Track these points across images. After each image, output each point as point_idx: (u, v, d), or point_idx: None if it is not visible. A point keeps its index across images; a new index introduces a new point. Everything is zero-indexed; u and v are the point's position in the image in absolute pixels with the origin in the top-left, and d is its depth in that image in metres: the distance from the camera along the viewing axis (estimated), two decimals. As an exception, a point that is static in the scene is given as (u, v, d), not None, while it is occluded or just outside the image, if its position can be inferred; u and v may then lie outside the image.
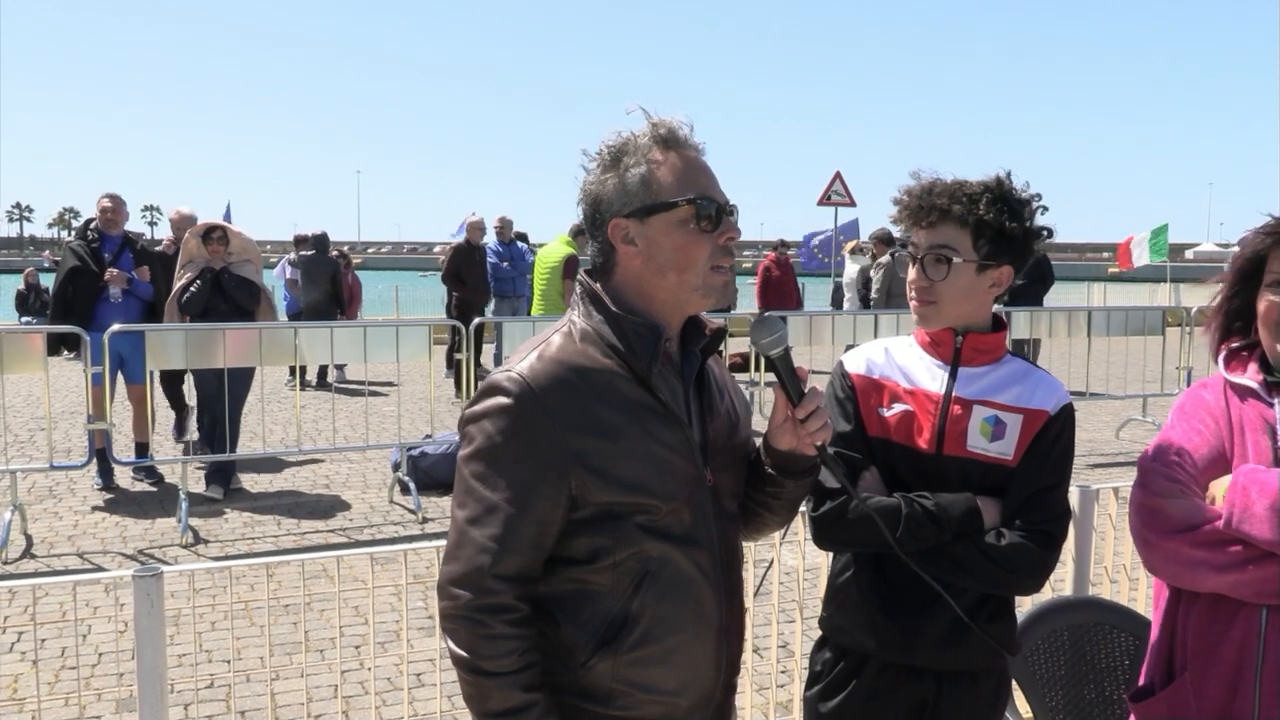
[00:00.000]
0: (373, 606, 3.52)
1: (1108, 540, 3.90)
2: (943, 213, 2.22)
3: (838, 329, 10.52)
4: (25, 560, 6.43)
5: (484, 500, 1.74)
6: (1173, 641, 2.25)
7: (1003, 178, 2.26)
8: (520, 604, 1.74)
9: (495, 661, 1.70)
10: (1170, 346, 10.98)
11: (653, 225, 1.80)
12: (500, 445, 1.74)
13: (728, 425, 1.95)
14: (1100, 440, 10.40)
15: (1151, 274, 29.67)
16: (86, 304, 7.92)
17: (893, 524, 2.16)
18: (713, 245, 1.81)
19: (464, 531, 1.75)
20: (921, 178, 2.31)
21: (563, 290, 10.90)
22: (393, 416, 10.32)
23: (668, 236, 1.80)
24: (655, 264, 1.81)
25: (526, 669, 1.72)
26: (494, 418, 1.75)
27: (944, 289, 2.24)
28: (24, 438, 9.97)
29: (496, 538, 1.72)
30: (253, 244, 8.37)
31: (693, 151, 1.85)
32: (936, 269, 2.23)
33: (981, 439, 2.22)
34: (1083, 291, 32.21)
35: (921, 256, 2.26)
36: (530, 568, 1.75)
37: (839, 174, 18.32)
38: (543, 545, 1.75)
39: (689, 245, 1.80)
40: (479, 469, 1.76)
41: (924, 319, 2.31)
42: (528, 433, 1.73)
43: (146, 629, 2.60)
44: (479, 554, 1.72)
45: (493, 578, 1.71)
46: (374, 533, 7.17)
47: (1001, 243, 2.21)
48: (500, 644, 1.71)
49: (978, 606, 2.24)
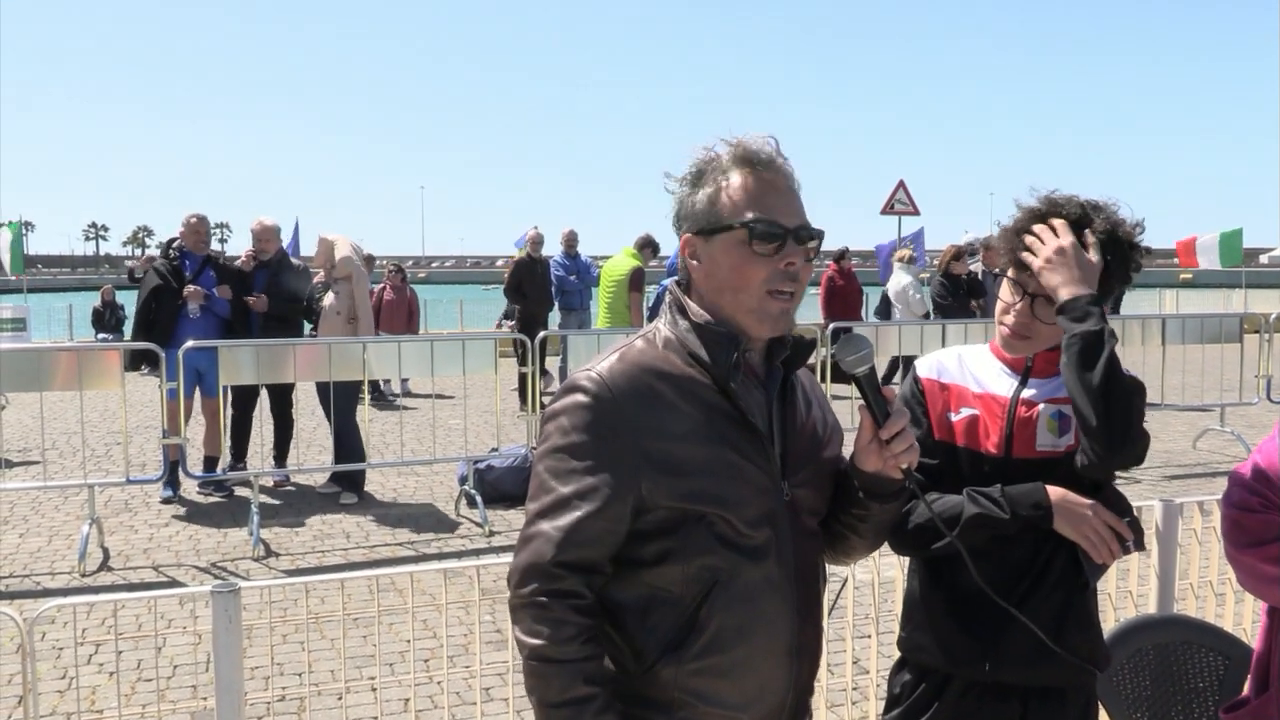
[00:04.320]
0: (445, 621, 3.53)
1: (1193, 556, 3.79)
2: None
3: (905, 339, 10.37)
4: (102, 572, 6.56)
5: (555, 494, 1.77)
6: (1269, 657, 2.20)
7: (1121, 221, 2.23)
8: (586, 592, 1.75)
9: (559, 648, 1.71)
10: (1249, 354, 10.71)
11: (714, 244, 1.83)
12: (575, 442, 1.77)
13: (812, 440, 1.92)
14: (1177, 451, 10.17)
15: (1224, 279, 29.09)
16: (167, 321, 8.15)
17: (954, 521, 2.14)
18: (771, 269, 1.80)
19: (534, 523, 1.78)
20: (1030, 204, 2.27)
21: (629, 303, 10.90)
22: (459, 430, 10.39)
23: (726, 256, 1.81)
24: (714, 282, 1.83)
25: (589, 659, 1.73)
26: (570, 414, 1.78)
27: (1043, 329, 2.23)
28: (100, 452, 10.18)
29: (564, 529, 1.74)
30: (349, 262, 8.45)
31: (770, 172, 1.84)
32: (1046, 312, 2.21)
33: (1050, 435, 2.21)
34: (1154, 298, 31.65)
35: (1034, 296, 2.22)
36: (598, 561, 1.76)
37: (902, 182, 18.22)
38: (610, 542, 1.76)
39: (744, 266, 1.80)
40: (553, 464, 1.79)
41: (1011, 349, 2.30)
42: (602, 431, 1.75)
43: (225, 644, 2.62)
44: (545, 544, 1.74)
45: (558, 565, 1.73)
46: (441, 546, 7.21)
47: (1105, 286, 2.20)
48: (564, 629, 1.72)
49: (1061, 618, 2.19)
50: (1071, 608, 2.22)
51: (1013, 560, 2.19)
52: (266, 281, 8.65)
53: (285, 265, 8.90)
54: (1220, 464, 9.65)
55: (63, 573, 6.53)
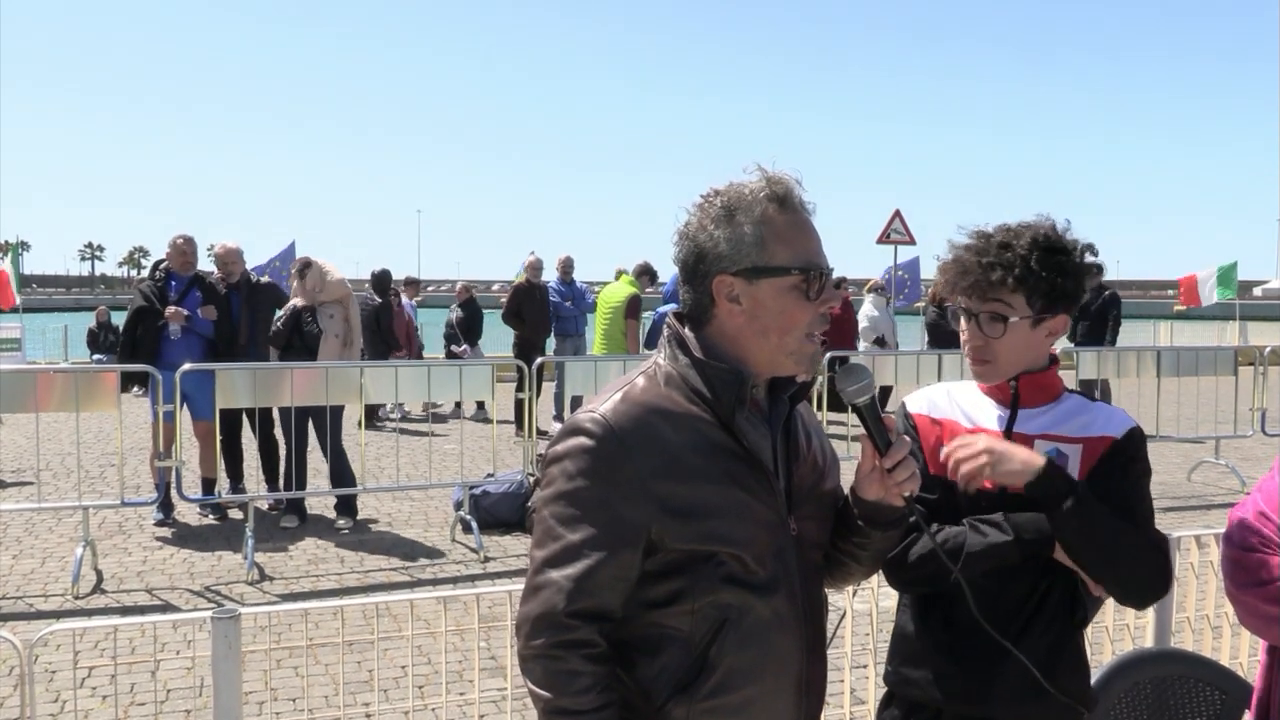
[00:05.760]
0: (444, 648, 3.52)
1: (1189, 589, 3.79)
2: (996, 283, 2.19)
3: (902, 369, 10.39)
4: (95, 595, 6.52)
5: (563, 541, 1.73)
6: (1269, 695, 2.20)
7: (1049, 231, 2.23)
8: (598, 640, 1.73)
9: (574, 699, 1.69)
10: (1243, 386, 10.74)
11: (761, 288, 1.79)
12: (581, 486, 1.74)
13: (815, 473, 1.92)
14: (1172, 483, 10.17)
15: (1219, 312, 29.11)
16: (151, 341, 8.12)
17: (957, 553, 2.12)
18: (814, 313, 1.81)
19: (542, 571, 1.75)
20: (963, 235, 2.29)
21: (625, 329, 10.91)
22: (455, 455, 10.37)
23: (775, 301, 1.79)
24: (758, 325, 1.80)
25: (605, 708, 1.71)
26: (575, 458, 1.75)
27: (1000, 347, 2.23)
28: (94, 473, 10.15)
29: (574, 578, 1.71)
30: (341, 284, 8.50)
31: (804, 213, 1.84)
32: (992, 327, 2.22)
33: None
34: (1149, 330, 31.70)
35: (976, 314, 2.24)
36: (608, 609, 1.74)
37: (898, 212, 18.23)
38: (622, 589, 1.74)
39: (793, 311, 1.80)
40: (559, 510, 1.75)
41: (981, 376, 2.30)
42: (609, 474, 1.73)
43: (224, 671, 2.61)
44: (556, 594, 1.71)
45: (569, 615, 1.71)
46: (436, 571, 7.19)
47: (1054, 295, 2.20)
48: (578, 680, 1.70)
49: (1053, 659, 2.17)
50: (1064, 647, 2.21)
51: (1009, 596, 2.18)
52: (242, 302, 8.59)
53: (255, 286, 8.85)
54: (1215, 496, 9.65)
55: (56, 595, 6.50)
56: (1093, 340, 12.54)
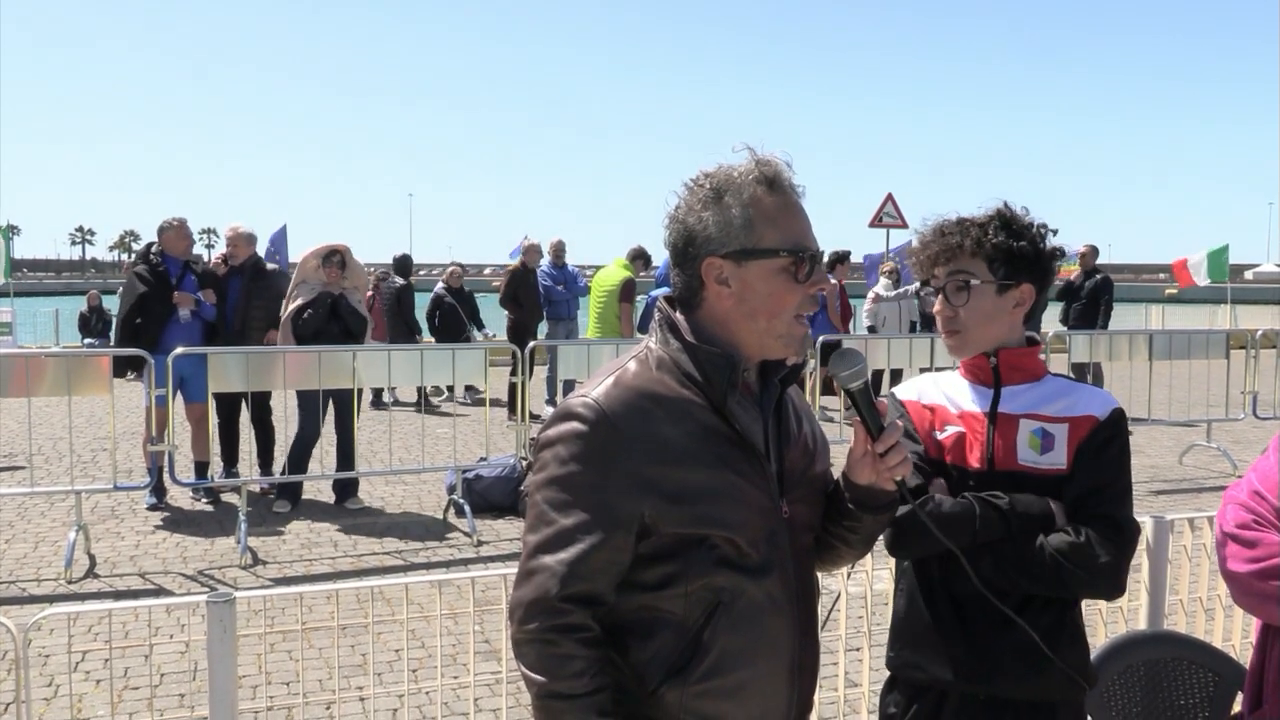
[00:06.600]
0: (438, 631, 3.52)
1: (1183, 572, 3.81)
2: (955, 248, 2.29)
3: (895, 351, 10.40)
4: (88, 580, 6.52)
5: (556, 526, 1.73)
6: (1262, 673, 2.22)
7: (1002, 208, 2.32)
8: (591, 624, 1.73)
9: (567, 683, 1.69)
10: (1235, 370, 10.76)
11: (749, 269, 1.79)
12: (574, 471, 1.73)
13: (806, 457, 1.92)
14: (1164, 466, 10.21)
15: (1210, 295, 29.19)
16: (156, 328, 8.05)
17: (966, 525, 2.15)
18: (803, 295, 1.81)
19: (535, 556, 1.75)
20: (927, 224, 2.38)
21: (620, 313, 10.90)
22: (448, 439, 10.37)
23: (763, 283, 1.79)
24: (747, 307, 1.80)
25: (599, 691, 1.70)
26: (568, 443, 1.74)
27: (967, 315, 2.29)
28: (86, 458, 10.13)
29: (568, 563, 1.71)
30: (363, 272, 8.59)
31: (793, 195, 1.84)
32: (958, 295, 2.30)
33: (1031, 452, 2.24)
34: (1141, 314, 31.78)
35: (943, 286, 2.32)
36: (602, 592, 1.74)
37: (890, 195, 18.22)
38: (615, 573, 1.74)
39: (782, 293, 1.79)
40: (552, 495, 1.75)
41: (954, 349, 2.37)
42: (602, 459, 1.72)
43: (219, 655, 2.61)
44: (549, 579, 1.71)
45: (563, 600, 1.70)
46: (429, 555, 7.19)
47: (1015, 262, 2.27)
48: (572, 664, 1.69)
49: (1054, 632, 2.20)
50: (1064, 621, 2.23)
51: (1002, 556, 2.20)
52: (242, 287, 8.57)
53: (260, 270, 8.80)
54: (1206, 479, 9.68)
55: (49, 579, 6.49)
56: (1085, 324, 12.59)
